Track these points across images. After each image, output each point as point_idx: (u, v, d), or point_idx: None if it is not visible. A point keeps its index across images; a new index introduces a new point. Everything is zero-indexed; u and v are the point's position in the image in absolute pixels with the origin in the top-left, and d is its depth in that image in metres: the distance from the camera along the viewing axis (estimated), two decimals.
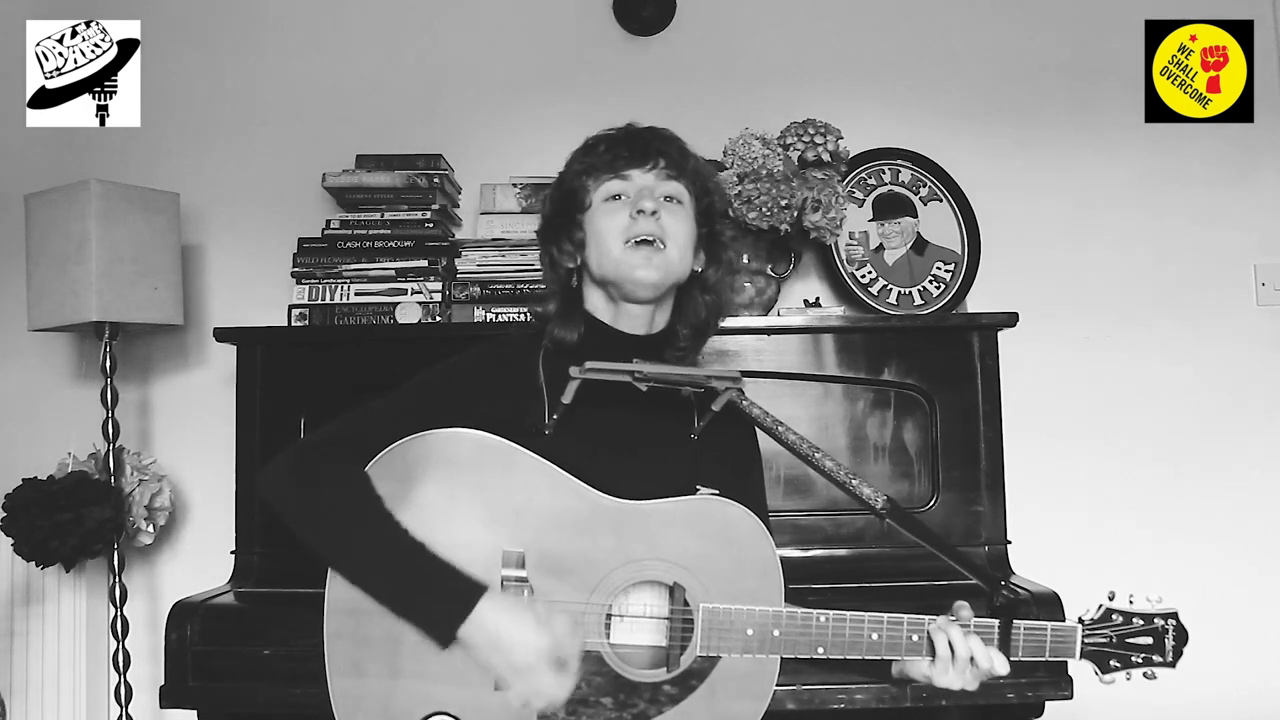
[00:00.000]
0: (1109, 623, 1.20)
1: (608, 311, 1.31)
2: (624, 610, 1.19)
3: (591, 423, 1.23)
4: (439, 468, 1.18)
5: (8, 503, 2.03)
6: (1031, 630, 1.18)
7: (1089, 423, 2.35)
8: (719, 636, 1.16)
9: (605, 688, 1.16)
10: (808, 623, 1.16)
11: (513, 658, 1.09)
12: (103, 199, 2.04)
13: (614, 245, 1.25)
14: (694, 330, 1.35)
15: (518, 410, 1.24)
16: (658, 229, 1.25)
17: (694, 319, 1.34)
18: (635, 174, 1.28)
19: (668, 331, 1.34)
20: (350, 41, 2.46)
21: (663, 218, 1.26)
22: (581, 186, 1.30)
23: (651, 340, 1.32)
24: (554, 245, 1.32)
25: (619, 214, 1.26)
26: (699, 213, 1.32)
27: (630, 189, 1.28)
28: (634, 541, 1.17)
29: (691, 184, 1.31)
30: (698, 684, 1.16)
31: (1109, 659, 1.19)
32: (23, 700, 2.25)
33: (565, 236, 1.30)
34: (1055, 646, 1.19)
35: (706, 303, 1.34)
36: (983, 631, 1.17)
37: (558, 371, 1.24)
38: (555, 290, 1.33)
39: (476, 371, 1.28)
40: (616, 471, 1.20)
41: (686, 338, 1.34)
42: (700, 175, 1.33)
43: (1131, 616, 1.20)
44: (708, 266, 1.34)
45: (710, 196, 1.34)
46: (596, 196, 1.29)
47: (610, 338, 1.30)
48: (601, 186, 1.29)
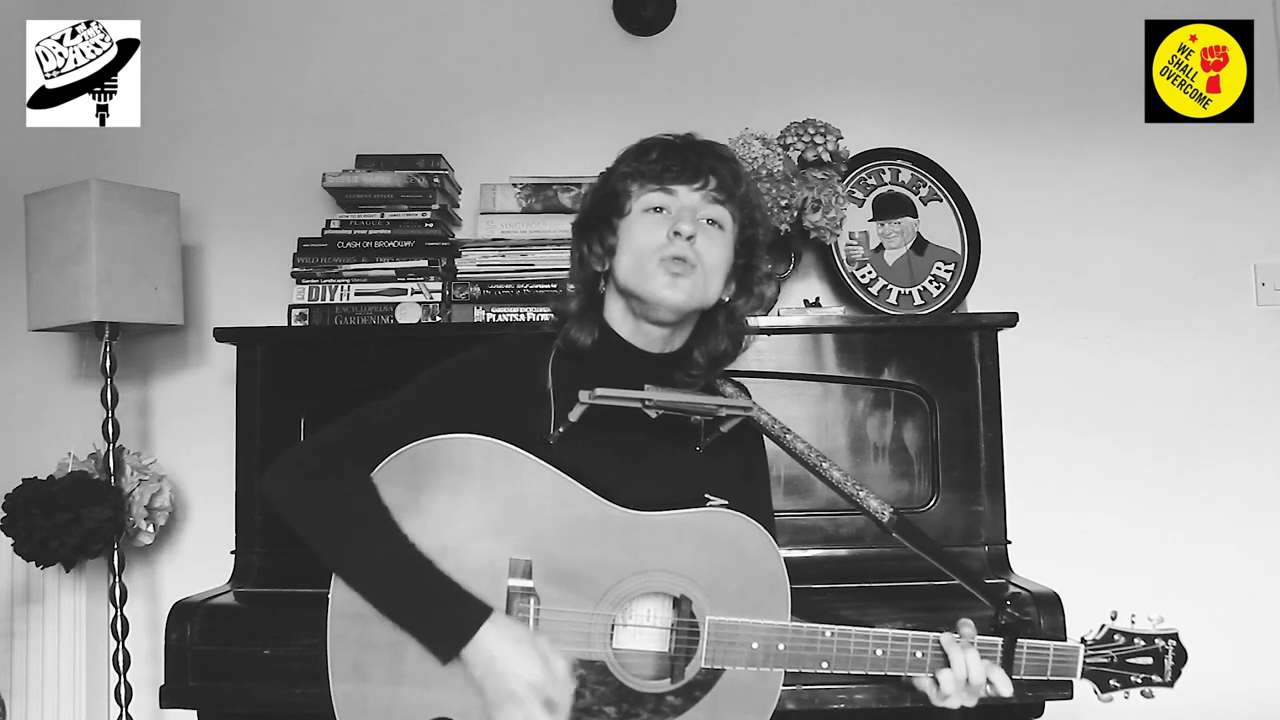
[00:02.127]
0: (1111, 643, 1.21)
1: (625, 324, 1.28)
2: (630, 621, 1.19)
3: (599, 431, 1.21)
4: (447, 474, 1.17)
5: (8, 503, 2.03)
6: (1034, 650, 1.19)
7: (1089, 423, 2.35)
8: (724, 649, 1.16)
9: (609, 697, 1.15)
10: (813, 638, 1.16)
11: (506, 685, 1.08)
12: (103, 199, 2.04)
13: (645, 261, 1.21)
14: (710, 360, 1.30)
15: (522, 414, 1.23)
16: (692, 254, 1.21)
17: (713, 348, 1.30)
18: (682, 190, 1.24)
19: (682, 353, 1.31)
20: (350, 42, 2.46)
21: (699, 242, 1.21)
22: (624, 190, 1.26)
23: (664, 359, 1.29)
24: (585, 244, 1.29)
25: (656, 230, 1.22)
26: (740, 242, 1.28)
27: (673, 205, 1.24)
28: (642, 552, 1.17)
29: (738, 210, 1.27)
30: (701, 695, 1.16)
31: (1109, 678, 1.21)
32: (23, 700, 2.25)
33: (598, 238, 1.27)
34: (1057, 666, 1.20)
35: (729, 332, 1.30)
36: (985, 649, 1.17)
37: (567, 378, 1.23)
38: (579, 291, 1.30)
39: (481, 372, 1.27)
40: (623, 479, 1.19)
41: (700, 365, 1.30)
42: (749, 204, 1.29)
43: (1133, 637, 1.21)
44: (737, 297, 1.30)
45: (755, 228, 1.30)
46: (637, 205, 1.25)
47: (623, 350, 1.28)
48: (645, 196, 1.25)
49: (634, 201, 1.25)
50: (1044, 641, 1.20)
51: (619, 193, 1.26)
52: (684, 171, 1.24)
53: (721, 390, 1.36)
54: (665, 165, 1.24)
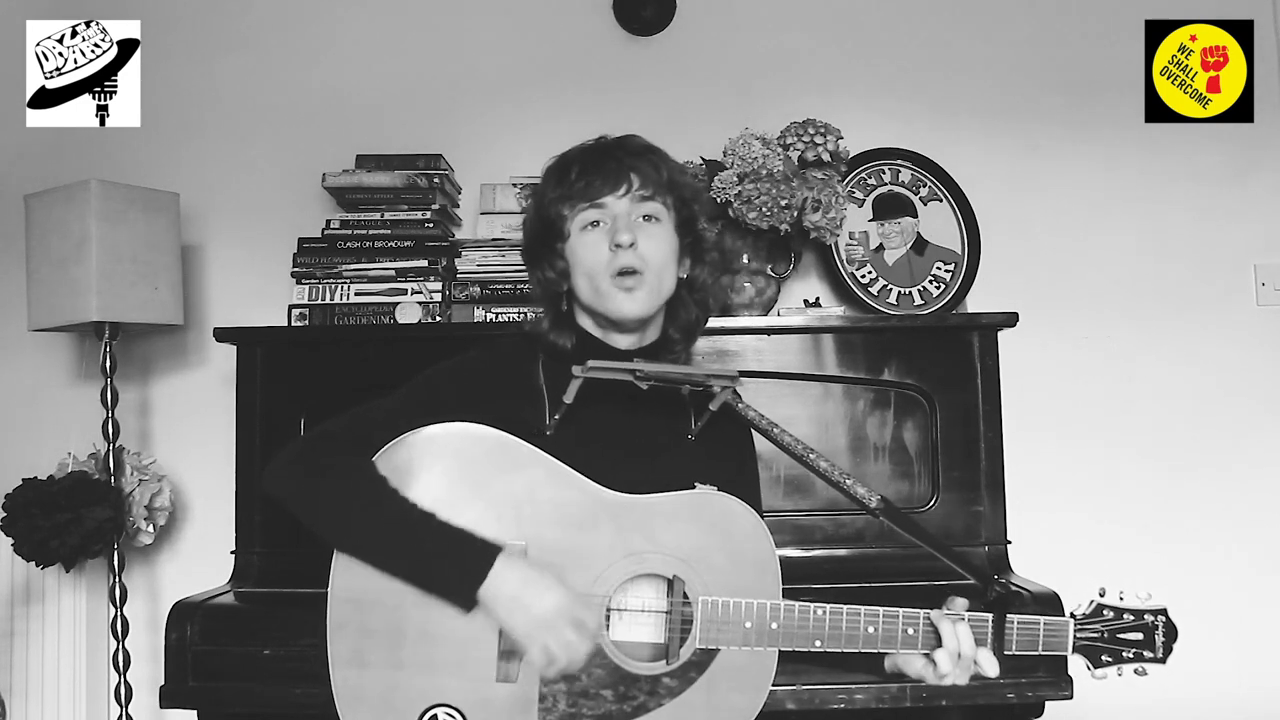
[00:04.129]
0: (1100, 618, 1.21)
1: (597, 332, 1.33)
2: (624, 603, 1.20)
3: (591, 421, 1.24)
4: (440, 461, 1.20)
5: (8, 503, 2.03)
6: (1024, 624, 1.19)
7: (1089, 423, 2.35)
8: (718, 629, 1.17)
9: (605, 679, 1.16)
10: (805, 616, 1.17)
11: (534, 613, 1.11)
12: (103, 199, 2.04)
13: (598, 280, 1.26)
14: (684, 331, 1.36)
15: (517, 412, 1.25)
16: (638, 260, 1.25)
17: (684, 320, 1.36)
18: (610, 200, 1.26)
19: (661, 339, 1.36)
20: (350, 41, 2.46)
21: (640, 244, 1.25)
22: (558, 215, 1.29)
23: (645, 350, 1.33)
24: (539, 271, 1.33)
25: (599, 246, 1.26)
26: (679, 225, 1.32)
27: (606, 216, 1.27)
28: (634, 534, 1.18)
29: (669, 196, 1.30)
30: (697, 676, 1.17)
31: (1100, 654, 1.20)
32: (23, 700, 2.25)
33: (549, 265, 1.31)
34: (1048, 640, 1.20)
35: (696, 300, 1.36)
36: (976, 624, 1.18)
37: (557, 373, 1.25)
38: (547, 310, 1.34)
39: (476, 373, 1.30)
40: (616, 468, 1.21)
41: (678, 340, 1.36)
42: (677, 187, 1.32)
43: (1122, 612, 1.21)
44: (693, 269, 1.35)
45: (690, 207, 1.33)
46: (574, 226, 1.28)
47: (604, 352, 1.31)
48: (578, 215, 1.28)
49: (570, 224, 1.28)
50: (1034, 616, 1.20)
51: (554, 219, 1.29)
52: (606, 181, 1.26)
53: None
54: (588, 181, 1.27)
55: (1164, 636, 1.21)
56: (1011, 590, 1.21)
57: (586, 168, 1.28)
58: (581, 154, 1.31)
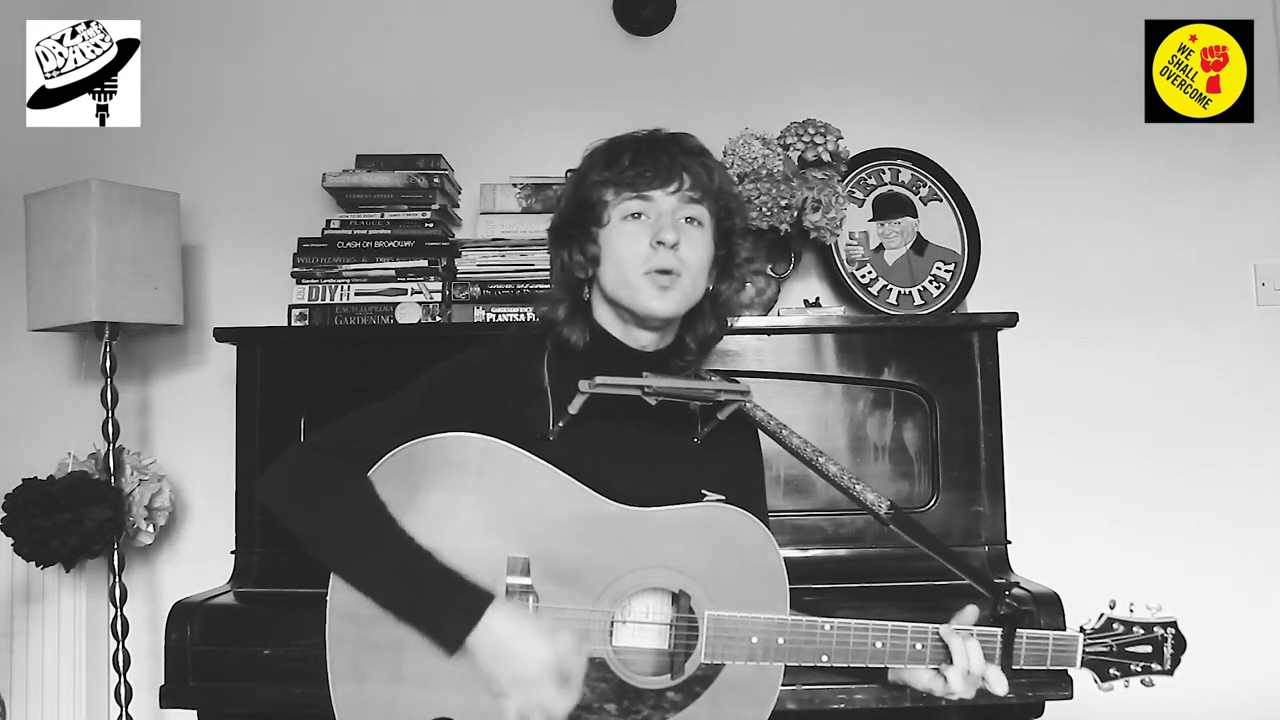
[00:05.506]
0: (1110, 632, 1.20)
1: (616, 327, 1.30)
2: (629, 617, 1.19)
3: (596, 426, 1.21)
4: (444, 473, 1.17)
5: (8, 503, 2.03)
6: (1034, 640, 1.19)
7: (1089, 423, 2.35)
8: (724, 644, 1.16)
9: (609, 694, 1.15)
10: (812, 631, 1.16)
11: (516, 669, 1.08)
12: (103, 199, 2.04)
13: (631, 274, 1.22)
14: (700, 344, 1.33)
15: (520, 412, 1.23)
16: (677, 261, 1.22)
17: (702, 333, 1.33)
18: (658, 195, 1.23)
19: (675, 345, 1.33)
20: (350, 41, 2.46)
21: (682, 247, 1.22)
22: (600, 200, 1.25)
23: (658, 354, 1.31)
24: (566, 252, 1.29)
25: (639, 240, 1.22)
26: (718, 235, 1.29)
27: (651, 210, 1.24)
28: (640, 549, 1.17)
29: (714, 204, 1.27)
30: (701, 691, 1.16)
31: (1109, 667, 1.20)
32: (23, 700, 2.25)
33: (579, 248, 1.27)
34: (1057, 656, 1.19)
35: (715, 315, 1.33)
36: (984, 639, 1.17)
37: (563, 375, 1.23)
38: (564, 296, 1.30)
39: (478, 372, 1.27)
40: (621, 474, 1.19)
41: (692, 350, 1.33)
42: (724, 196, 1.29)
43: (1132, 625, 1.21)
44: (720, 283, 1.32)
45: (733, 218, 1.31)
46: (615, 213, 1.24)
47: (617, 350, 1.29)
48: (622, 204, 1.24)
49: (611, 210, 1.25)
50: (1044, 631, 1.19)
51: (595, 201, 1.25)
52: (658, 175, 1.23)
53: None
54: (639, 171, 1.23)
55: (1172, 649, 1.20)
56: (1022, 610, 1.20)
57: (639, 157, 1.24)
58: (635, 143, 1.27)
